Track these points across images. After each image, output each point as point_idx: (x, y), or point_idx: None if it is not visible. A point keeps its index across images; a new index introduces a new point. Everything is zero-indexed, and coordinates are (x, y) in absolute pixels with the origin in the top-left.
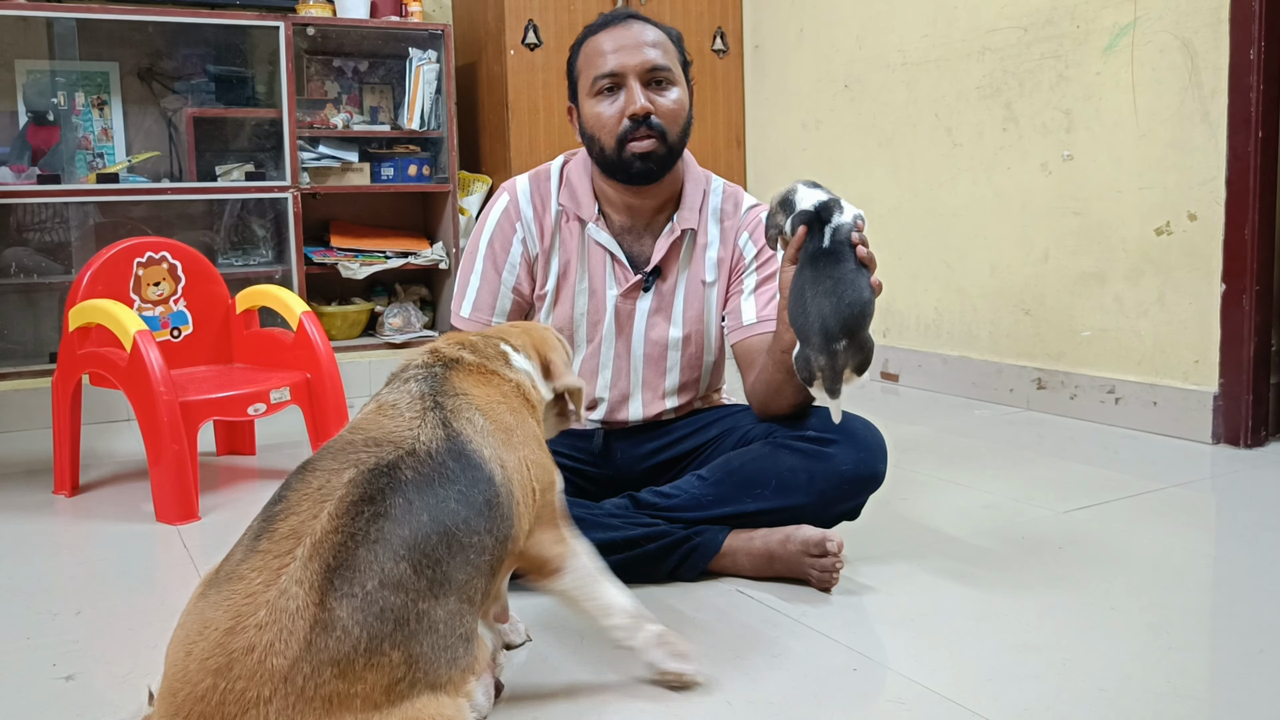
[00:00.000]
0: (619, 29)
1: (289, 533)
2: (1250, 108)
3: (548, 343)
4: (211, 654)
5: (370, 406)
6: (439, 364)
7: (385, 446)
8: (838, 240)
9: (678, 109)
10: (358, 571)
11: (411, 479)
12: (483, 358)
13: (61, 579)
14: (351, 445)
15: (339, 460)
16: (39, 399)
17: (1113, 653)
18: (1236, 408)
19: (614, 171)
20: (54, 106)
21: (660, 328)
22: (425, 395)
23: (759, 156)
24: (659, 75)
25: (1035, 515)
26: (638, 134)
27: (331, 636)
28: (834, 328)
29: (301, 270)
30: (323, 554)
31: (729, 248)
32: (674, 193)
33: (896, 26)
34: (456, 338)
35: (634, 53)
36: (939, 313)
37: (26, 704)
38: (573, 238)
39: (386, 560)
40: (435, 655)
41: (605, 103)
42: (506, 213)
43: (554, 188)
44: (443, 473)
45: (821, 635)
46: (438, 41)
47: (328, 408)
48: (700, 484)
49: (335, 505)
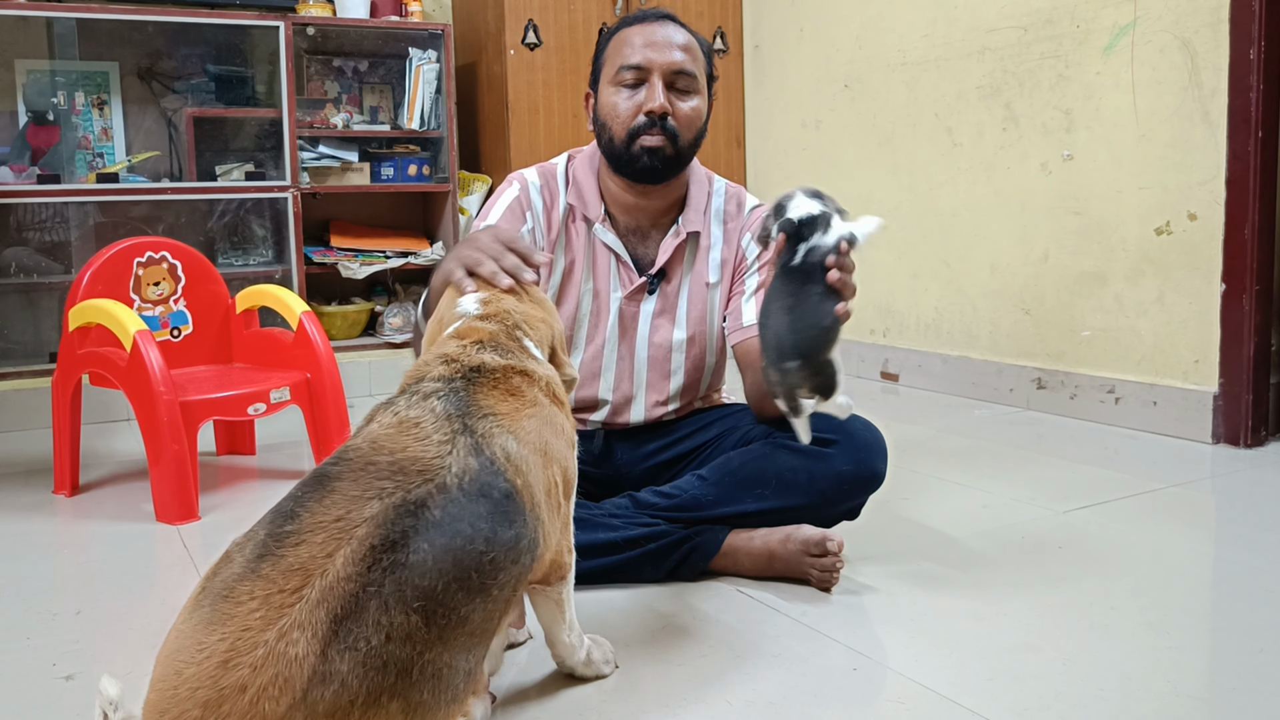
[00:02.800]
0: (655, 25)
1: (298, 566)
2: (1250, 108)
3: (555, 329)
4: (202, 684)
5: (389, 419)
6: (459, 377)
7: (413, 477)
8: (810, 260)
9: (694, 117)
10: (366, 625)
11: (438, 519)
12: (507, 356)
13: (61, 579)
14: (375, 468)
15: (361, 485)
16: (39, 399)
17: (1113, 653)
18: (1236, 407)
19: (619, 165)
20: (54, 106)
21: (664, 330)
22: (452, 416)
23: (759, 156)
24: (683, 80)
25: (1035, 515)
26: (650, 131)
27: (329, 689)
28: (786, 347)
29: (301, 270)
30: (331, 601)
31: (732, 248)
32: (679, 196)
33: (896, 26)
34: (474, 331)
35: (664, 51)
36: (939, 313)
37: (26, 704)
38: (579, 237)
39: (398, 615)
40: (436, 698)
41: (625, 94)
42: (518, 200)
43: (561, 185)
44: (473, 511)
45: (821, 635)
46: (438, 41)
47: (328, 408)
48: (700, 484)
49: (354, 549)
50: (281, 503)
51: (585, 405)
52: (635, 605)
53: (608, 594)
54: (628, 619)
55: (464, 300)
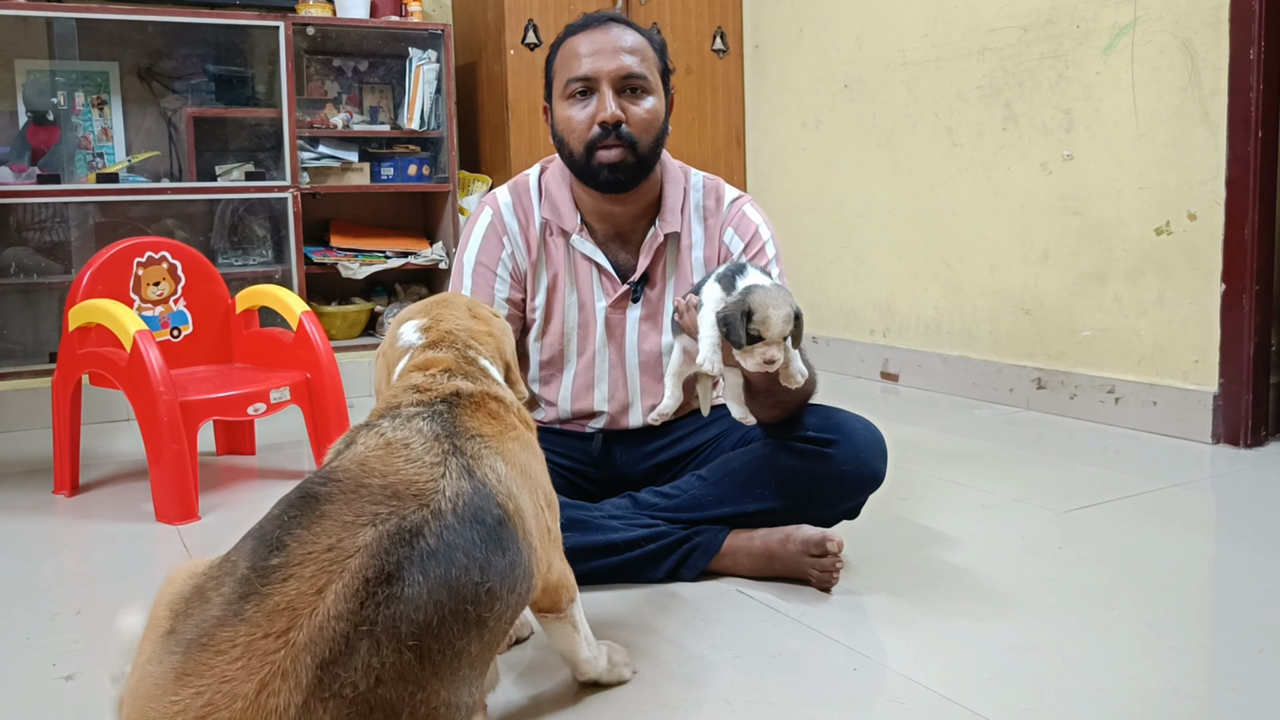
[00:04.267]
0: (598, 31)
1: (285, 606)
2: (1250, 108)
3: (505, 341)
4: None
5: (375, 440)
6: (439, 401)
7: (408, 501)
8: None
9: (650, 119)
10: (354, 669)
11: (434, 548)
12: (477, 382)
13: (61, 579)
14: (367, 491)
15: (354, 510)
16: (39, 399)
17: (1113, 653)
18: (1236, 407)
19: (583, 177)
20: (54, 106)
21: (652, 337)
22: (441, 437)
23: (759, 156)
24: (634, 83)
25: (1035, 515)
26: (606, 142)
27: None
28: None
29: (301, 270)
30: (319, 645)
31: (714, 245)
32: (653, 198)
33: (896, 26)
34: (436, 361)
35: (610, 58)
36: (939, 313)
37: (26, 704)
38: (559, 250)
39: (390, 654)
40: None
41: (577, 107)
42: (493, 227)
43: (535, 199)
44: (467, 538)
45: (821, 635)
46: (437, 41)
47: (328, 408)
48: (700, 484)
49: (347, 582)
50: (264, 526)
51: (582, 416)
52: (635, 605)
53: (608, 594)
54: (628, 619)
55: (403, 330)
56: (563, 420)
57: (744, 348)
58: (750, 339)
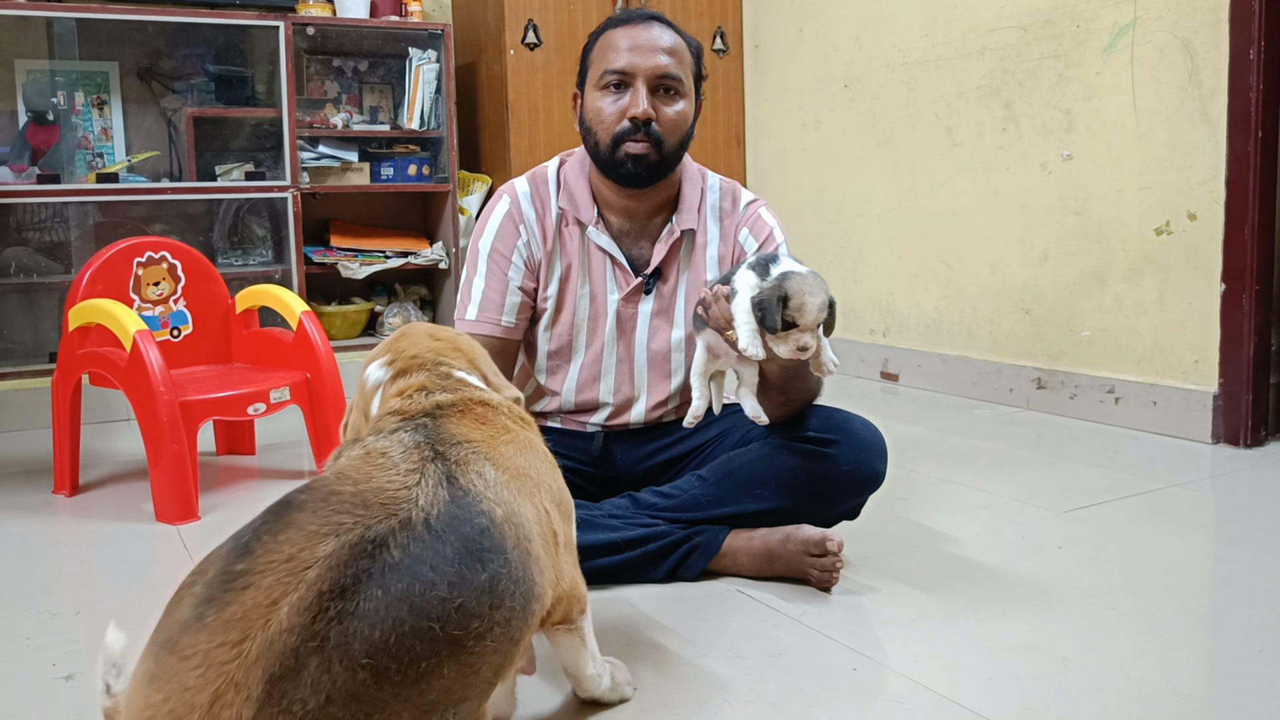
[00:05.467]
0: (639, 27)
1: (240, 616)
2: (1250, 108)
3: (476, 352)
4: None
5: (357, 452)
6: (423, 415)
7: (375, 511)
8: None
9: (679, 120)
10: (301, 686)
11: (397, 561)
12: (456, 393)
13: (61, 579)
14: (337, 499)
15: (320, 519)
16: (39, 399)
17: (1113, 653)
18: (1236, 407)
19: (605, 169)
20: (54, 106)
21: (663, 331)
22: (422, 445)
23: (759, 156)
24: (668, 83)
25: (1035, 515)
26: (635, 136)
27: None
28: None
29: (301, 270)
30: (269, 658)
31: (729, 244)
32: (671, 195)
33: (896, 26)
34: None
35: (648, 55)
36: (939, 313)
37: (26, 704)
38: (573, 241)
39: (340, 672)
40: None
41: (609, 98)
42: (510, 215)
43: (553, 190)
44: (436, 551)
45: (821, 635)
46: (437, 41)
47: (327, 407)
48: (700, 484)
49: (302, 595)
50: (243, 530)
51: (586, 408)
52: (635, 606)
53: (608, 594)
54: (628, 619)
55: (369, 371)
56: (565, 411)
57: (778, 333)
58: (785, 325)
